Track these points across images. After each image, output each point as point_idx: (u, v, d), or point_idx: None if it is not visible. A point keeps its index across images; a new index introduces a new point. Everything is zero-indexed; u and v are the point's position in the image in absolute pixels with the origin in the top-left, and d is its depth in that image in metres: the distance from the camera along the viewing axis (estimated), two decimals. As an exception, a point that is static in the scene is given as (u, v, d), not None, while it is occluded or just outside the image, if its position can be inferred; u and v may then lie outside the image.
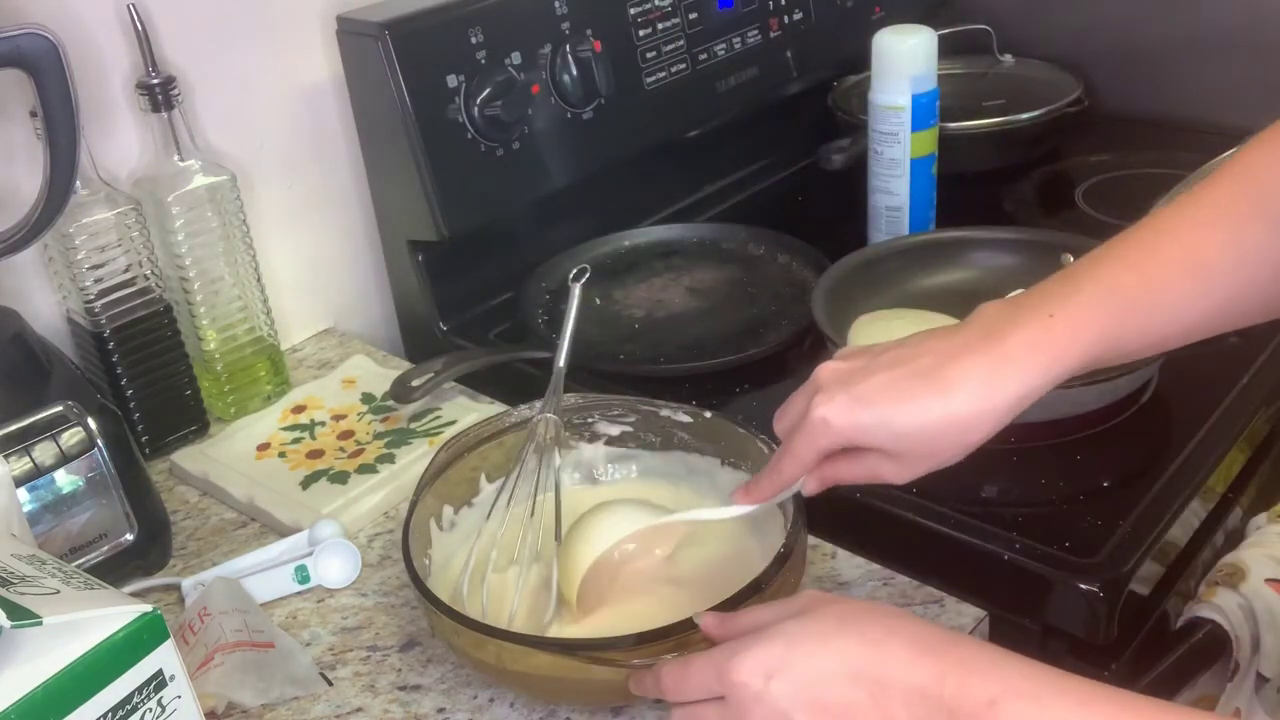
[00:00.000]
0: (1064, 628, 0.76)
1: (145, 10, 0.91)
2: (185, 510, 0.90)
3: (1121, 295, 0.61)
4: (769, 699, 0.54)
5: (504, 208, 1.08)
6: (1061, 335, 0.60)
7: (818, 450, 0.64)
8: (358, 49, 1.01)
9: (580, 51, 1.07)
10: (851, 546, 0.79)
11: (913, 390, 0.61)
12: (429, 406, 0.96)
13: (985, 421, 0.60)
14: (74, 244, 0.88)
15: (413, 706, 0.71)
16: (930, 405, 0.60)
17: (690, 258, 1.17)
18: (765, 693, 0.55)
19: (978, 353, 0.61)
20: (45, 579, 0.52)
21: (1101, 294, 0.61)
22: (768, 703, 0.54)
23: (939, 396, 0.60)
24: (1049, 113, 1.28)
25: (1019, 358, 0.60)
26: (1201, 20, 1.36)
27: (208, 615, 0.73)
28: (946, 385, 0.60)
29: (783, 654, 0.55)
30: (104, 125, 0.94)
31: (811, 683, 0.54)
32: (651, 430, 0.82)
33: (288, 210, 1.08)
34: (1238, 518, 0.94)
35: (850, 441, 0.63)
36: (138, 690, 0.52)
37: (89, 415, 0.79)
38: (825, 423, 0.62)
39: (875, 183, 1.12)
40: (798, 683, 0.54)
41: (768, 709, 0.54)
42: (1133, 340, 0.62)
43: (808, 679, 0.54)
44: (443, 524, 0.77)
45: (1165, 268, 0.62)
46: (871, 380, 0.62)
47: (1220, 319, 0.64)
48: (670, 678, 0.59)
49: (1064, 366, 0.60)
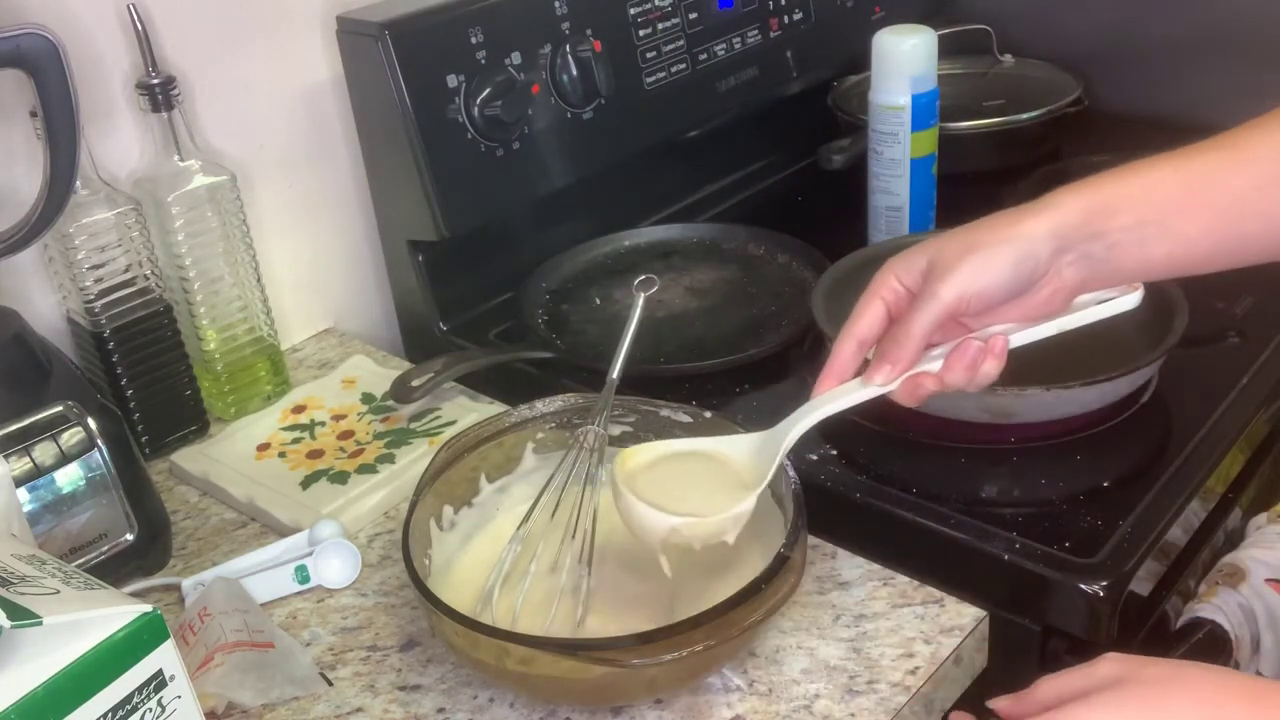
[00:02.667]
0: (1064, 628, 0.76)
1: (145, 10, 0.91)
2: (185, 510, 0.90)
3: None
4: None
5: (504, 208, 1.08)
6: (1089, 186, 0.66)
7: (932, 316, 0.66)
8: (358, 49, 1.01)
9: (580, 51, 1.07)
10: (851, 546, 0.79)
11: (985, 242, 0.66)
12: (429, 406, 0.96)
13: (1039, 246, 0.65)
14: (74, 244, 0.88)
15: (413, 706, 0.71)
16: (1000, 251, 0.65)
17: (690, 258, 1.17)
18: None
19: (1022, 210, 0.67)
20: (45, 579, 0.52)
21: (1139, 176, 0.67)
22: None
23: (1008, 244, 0.65)
24: (1049, 113, 1.28)
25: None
26: (1201, 20, 1.36)
27: (208, 615, 0.73)
28: (1012, 234, 0.65)
29: (1117, 718, 0.54)
30: (104, 125, 0.94)
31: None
32: (651, 430, 0.82)
33: (288, 210, 1.09)
34: (1238, 518, 0.94)
35: (949, 308, 0.66)
36: (138, 690, 0.51)
37: (89, 415, 0.79)
38: (935, 295, 0.66)
39: (875, 183, 1.12)
40: None
41: None
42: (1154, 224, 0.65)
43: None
44: (443, 524, 0.77)
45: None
46: (947, 248, 0.67)
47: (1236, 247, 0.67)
48: None
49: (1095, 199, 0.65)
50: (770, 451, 0.70)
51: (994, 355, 0.67)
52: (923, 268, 0.67)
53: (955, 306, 0.65)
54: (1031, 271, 0.65)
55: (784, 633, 0.73)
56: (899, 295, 0.68)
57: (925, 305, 0.66)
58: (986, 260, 0.65)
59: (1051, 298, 0.66)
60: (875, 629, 0.73)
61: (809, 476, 0.82)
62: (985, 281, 0.65)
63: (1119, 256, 0.65)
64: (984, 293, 0.65)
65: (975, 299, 0.65)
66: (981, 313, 0.67)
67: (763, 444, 0.71)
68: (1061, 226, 0.65)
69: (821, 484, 0.84)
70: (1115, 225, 0.65)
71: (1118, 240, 0.65)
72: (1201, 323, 0.90)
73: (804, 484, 0.71)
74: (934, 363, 0.68)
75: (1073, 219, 0.65)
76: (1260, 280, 1.02)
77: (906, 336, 0.66)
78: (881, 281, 0.69)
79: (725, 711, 0.68)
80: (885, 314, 0.69)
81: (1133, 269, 0.66)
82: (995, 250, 0.65)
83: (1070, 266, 0.65)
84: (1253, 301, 1.00)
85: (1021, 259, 0.65)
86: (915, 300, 0.67)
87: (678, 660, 0.63)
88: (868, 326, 0.69)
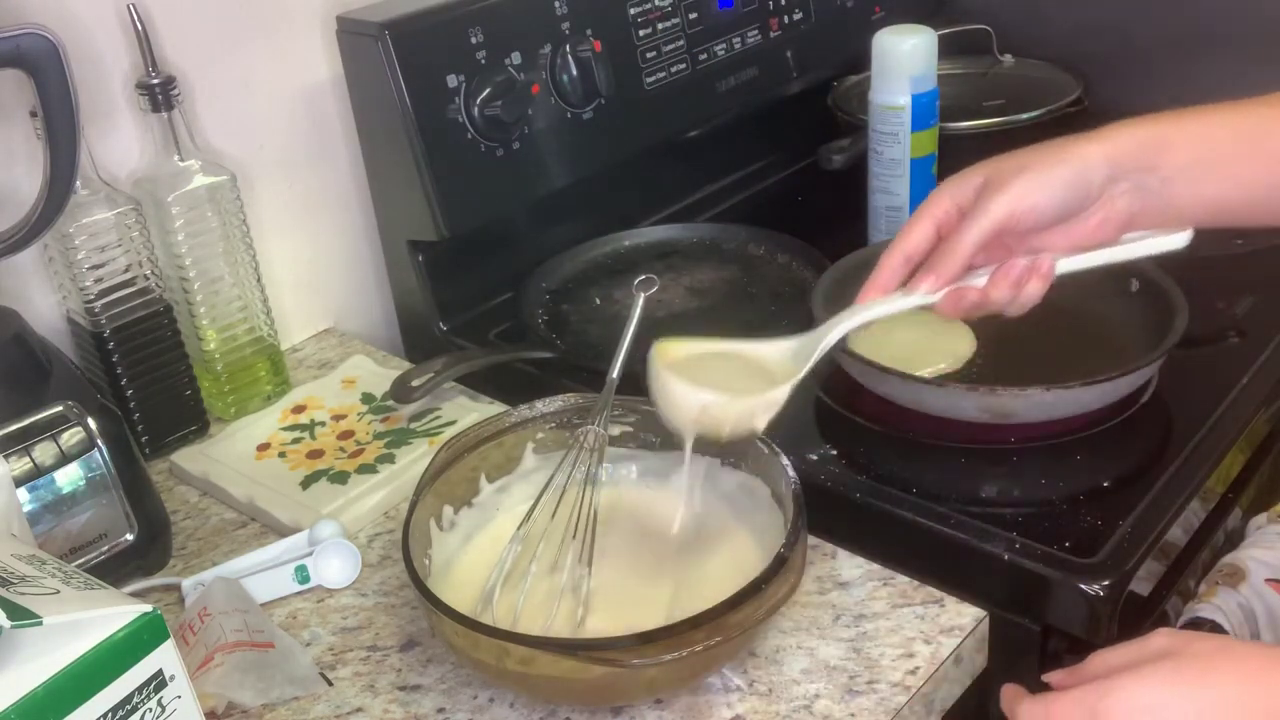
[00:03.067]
0: (1064, 628, 0.76)
1: (145, 10, 0.91)
2: (185, 510, 0.90)
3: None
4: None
5: (504, 208, 1.08)
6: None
7: (982, 230, 0.67)
8: (358, 49, 1.01)
9: (580, 51, 1.07)
10: (851, 546, 0.79)
11: (1040, 162, 0.68)
12: (429, 406, 0.96)
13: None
14: (74, 244, 0.88)
15: (413, 706, 0.71)
16: (1054, 172, 0.67)
17: (690, 258, 1.17)
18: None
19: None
20: (45, 579, 0.52)
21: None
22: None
23: (1063, 165, 0.67)
24: (1049, 113, 1.28)
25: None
26: (1201, 20, 1.36)
27: (208, 615, 0.73)
28: (1068, 156, 0.67)
29: (1161, 691, 0.55)
30: (104, 125, 0.94)
31: (1195, 718, 0.54)
32: (651, 430, 0.82)
33: (288, 210, 1.09)
34: (1238, 518, 0.94)
35: (1000, 223, 0.67)
36: (138, 690, 0.51)
37: (89, 415, 0.79)
38: (986, 210, 0.67)
39: (875, 183, 1.12)
40: (1181, 718, 0.54)
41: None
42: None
43: (1191, 715, 0.54)
44: (443, 524, 0.77)
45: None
46: (1003, 167, 0.69)
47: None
48: (1030, 715, 0.59)
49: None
50: (806, 353, 0.71)
51: (1039, 275, 0.68)
52: (977, 185, 0.69)
53: (1006, 222, 0.67)
54: (1084, 195, 0.66)
55: (784, 633, 0.73)
56: (949, 214, 0.70)
57: (976, 219, 0.67)
58: (1040, 179, 0.66)
59: (1101, 225, 0.67)
60: (875, 629, 0.73)
61: (809, 476, 0.82)
62: (1037, 199, 0.66)
63: (1172, 192, 0.66)
64: (1035, 210, 0.66)
65: (1026, 216, 0.67)
66: (1031, 233, 0.68)
67: (800, 346, 0.72)
68: (1117, 154, 0.66)
69: (821, 484, 0.84)
70: (1170, 160, 0.66)
71: (1171, 176, 0.66)
72: (1201, 323, 0.90)
73: (804, 484, 0.71)
74: (979, 278, 0.69)
75: (1128, 148, 0.66)
76: (1260, 280, 1.03)
77: (954, 248, 0.68)
78: (934, 200, 0.71)
79: (725, 711, 0.68)
80: (934, 232, 0.70)
81: (1184, 207, 0.67)
82: (1050, 170, 0.66)
83: (1123, 196, 0.67)
84: (1253, 301, 1.00)
85: (1075, 180, 0.66)
86: (966, 216, 0.68)
87: (678, 660, 0.63)
88: (916, 243, 0.70)
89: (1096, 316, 0.96)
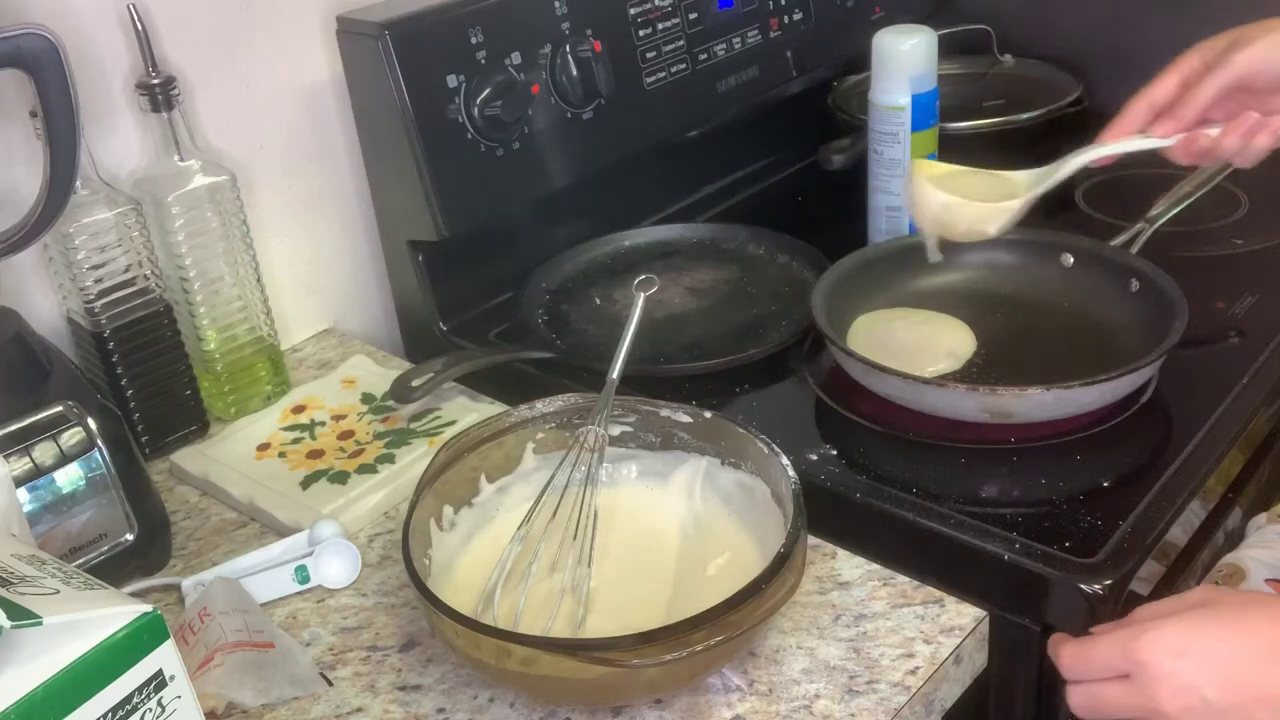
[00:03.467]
0: (1064, 628, 0.76)
1: (145, 10, 0.91)
2: (185, 510, 0.90)
3: None
4: (1178, 677, 0.56)
5: (504, 208, 1.08)
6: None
7: (1222, 81, 0.75)
8: (358, 49, 1.01)
9: (580, 51, 1.07)
10: (851, 546, 0.79)
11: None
12: (429, 406, 0.96)
13: None
14: (74, 244, 0.88)
15: (413, 706, 0.71)
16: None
17: (690, 258, 1.17)
18: (1175, 671, 0.56)
19: None
20: (45, 579, 0.52)
21: None
22: (1176, 681, 0.56)
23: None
24: (1049, 113, 1.28)
25: None
26: (1201, 20, 1.35)
27: (208, 615, 0.73)
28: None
29: (1192, 633, 0.57)
30: (104, 125, 0.94)
31: (1224, 661, 0.56)
32: (651, 430, 0.82)
33: (288, 210, 1.09)
34: (1238, 518, 0.94)
35: (1241, 76, 0.74)
36: (138, 690, 0.51)
37: (89, 415, 0.79)
38: (1229, 63, 0.75)
39: (875, 183, 1.12)
40: (1209, 661, 0.56)
41: (1176, 686, 0.56)
42: None
43: (1220, 657, 0.56)
44: (443, 524, 0.77)
45: None
46: (1252, 28, 0.77)
47: None
48: (1070, 656, 0.62)
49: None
50: (1043, 178, 0.86)
51: (1270, 131, 0.74)
52: (1224, 44, 0.75)
53: (1246, 76, 0.73)
54: None
55: (784, 633, 0.73)
56: (1195, 69, 0.77)
57: (1218, 71, 0.74)
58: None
59: None
60: (875, 629, 0.73)
61: (809, 476, 0.82)
62: (1278, 57, 0.72)
63: None
64: (1275, 68, 0.72)
65: (1266, 72, 0.72)
66: (1268, 93, 0.73)
67: (1040, 174, 0.88)
68: None
69: (821, 484, 0.84)
70: None
71: None
72: (1201, 323, 0.90)
73: (804, 484, 0.71)
74: (1214, 129, 0.76)
75: None
76: (1260, 280, 1.03)
77: (1194, 95, 0.75)
78: (1183, 58, 0.78)
79: (725, 711, 0.68)
80: (1180, 84, 0.77)
81: None
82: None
83: None
84: (1253, 301, 1.00)
85: None
86: (1209, 68, 0.75)
87: (678, 660, 0.63)
88: (1161, 92, 0.78)
89: (1096, 316, 0.96)
